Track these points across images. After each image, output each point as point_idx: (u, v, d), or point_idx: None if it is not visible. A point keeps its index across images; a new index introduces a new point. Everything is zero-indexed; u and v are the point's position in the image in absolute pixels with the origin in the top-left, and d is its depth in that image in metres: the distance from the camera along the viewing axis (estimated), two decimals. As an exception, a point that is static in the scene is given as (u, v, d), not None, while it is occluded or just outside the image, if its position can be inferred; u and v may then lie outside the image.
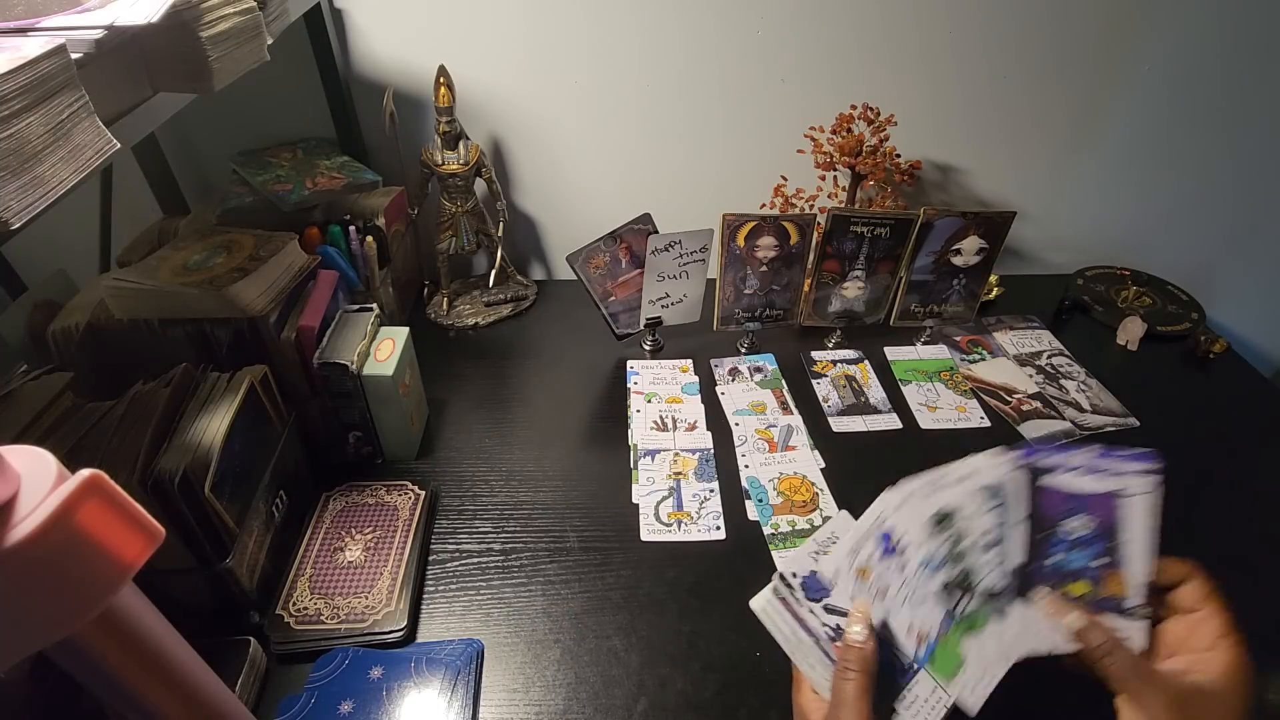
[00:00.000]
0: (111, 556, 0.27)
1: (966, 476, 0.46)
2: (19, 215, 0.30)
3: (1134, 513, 0.45)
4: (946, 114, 1.00)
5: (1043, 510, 0.45)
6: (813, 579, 0.48)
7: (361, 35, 0.91)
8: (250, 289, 0.65)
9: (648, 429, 0.83)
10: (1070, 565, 0.45)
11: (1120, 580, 0.44)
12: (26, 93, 0.31)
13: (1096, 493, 0.45)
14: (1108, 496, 0.45)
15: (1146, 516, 0.45)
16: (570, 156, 1.03)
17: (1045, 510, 0.45)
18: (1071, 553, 0.45)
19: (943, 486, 0.46)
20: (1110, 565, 0.45)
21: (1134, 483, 0.45)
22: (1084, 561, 0.45)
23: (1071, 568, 0.45)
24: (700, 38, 0.93)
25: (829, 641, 0.46)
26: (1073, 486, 0.45)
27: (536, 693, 0.58)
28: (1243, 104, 1.01)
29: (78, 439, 0.54)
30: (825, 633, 0.47)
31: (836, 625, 0.47)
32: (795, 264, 0.91)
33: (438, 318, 1.02)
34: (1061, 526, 0.45)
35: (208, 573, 0.56)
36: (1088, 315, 1.05)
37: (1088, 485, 0.45)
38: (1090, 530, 0.45)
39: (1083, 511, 0.45)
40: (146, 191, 0.90)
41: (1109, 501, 0.45)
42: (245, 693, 0.56)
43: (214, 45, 0.44)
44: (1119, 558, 0.45)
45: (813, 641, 0.47)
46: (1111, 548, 0.45)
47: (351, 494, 0.72)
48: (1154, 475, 0.45)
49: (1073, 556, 0.45)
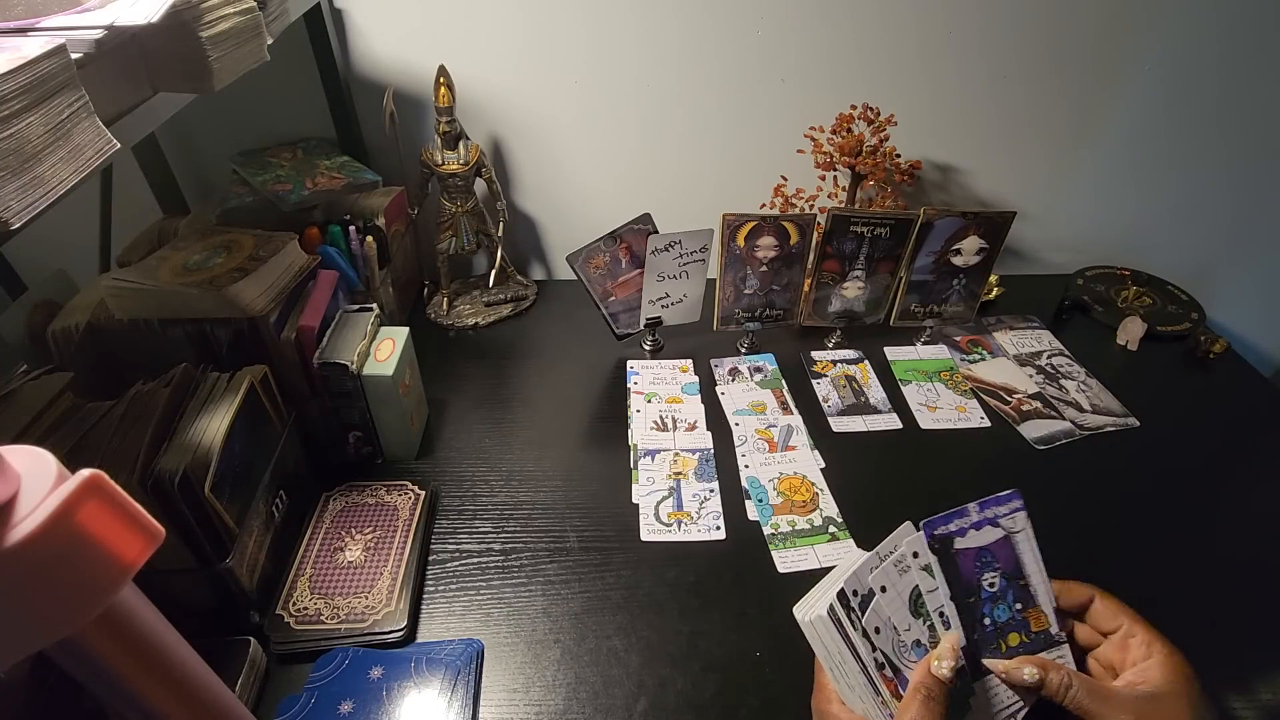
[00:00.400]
0: (111, 556, 0.27)
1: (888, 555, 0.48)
2: (19, 215, 0.30)
3: (1025, 549, 0.49)
4: (946, 114, 1.00)
5: (964, 575, 0.48)
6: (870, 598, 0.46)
7: (361, 35, 0.91)
8: (250, 289, 0.65)
9: (648, 429, 0.83)
10: (1000, 619, 0.48)
11: (1039, 615, 0.48)
12: (26, 93, 0.31)
13: (995, 539, 0.48)
14: (1004, 541, 0.49)
15: (1033, 549, 0.49)
16: (570, 156, 1.03)
17: (965, 574, 0.48)
18: (996, 608, 0.48)
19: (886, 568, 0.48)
20: (1026, 605, 0.48)
21: (1015, 522, 0.49)
22: (1008, 612, 0.48)
23: (1001, 620, 0.48)
24: (700, 38, 0.93)
25: (877, 670, 0.45)
26: (977, 542, 0.48)
27: (536, 693, 0.58)
28: (1242, 104, 1.01)
29: (78, 439, 0.54)
30: (874, 659, 0.45)
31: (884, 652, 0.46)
32: (795, 264, 0.91)
33: (438, 318, 1.02)
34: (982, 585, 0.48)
35: (208, 573, 0.56)
36: (1088, 315, 1.05)
37: (985, 537, 0.48)
38: (1001, 580, 0.48)
39: (991, 563, 0.48)
40: (146, 191, 0.90)
41: (1007, 545, 0.49)
42: (245, 693, 0.56)
43: (214, 45, 0.44)
44: (1029, 595, 0.48)
45: (859, 668, 0.46)
46: (1022, 588, 0.48)
47: (351, 494, 0.72)
48: (1023, 509, 0.49)
49: (999, 611, 0.48)
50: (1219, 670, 0.60)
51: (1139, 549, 0.71)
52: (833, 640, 0.46)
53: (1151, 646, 0.44)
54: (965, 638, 0.47)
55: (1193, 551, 0.71)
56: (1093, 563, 0.69)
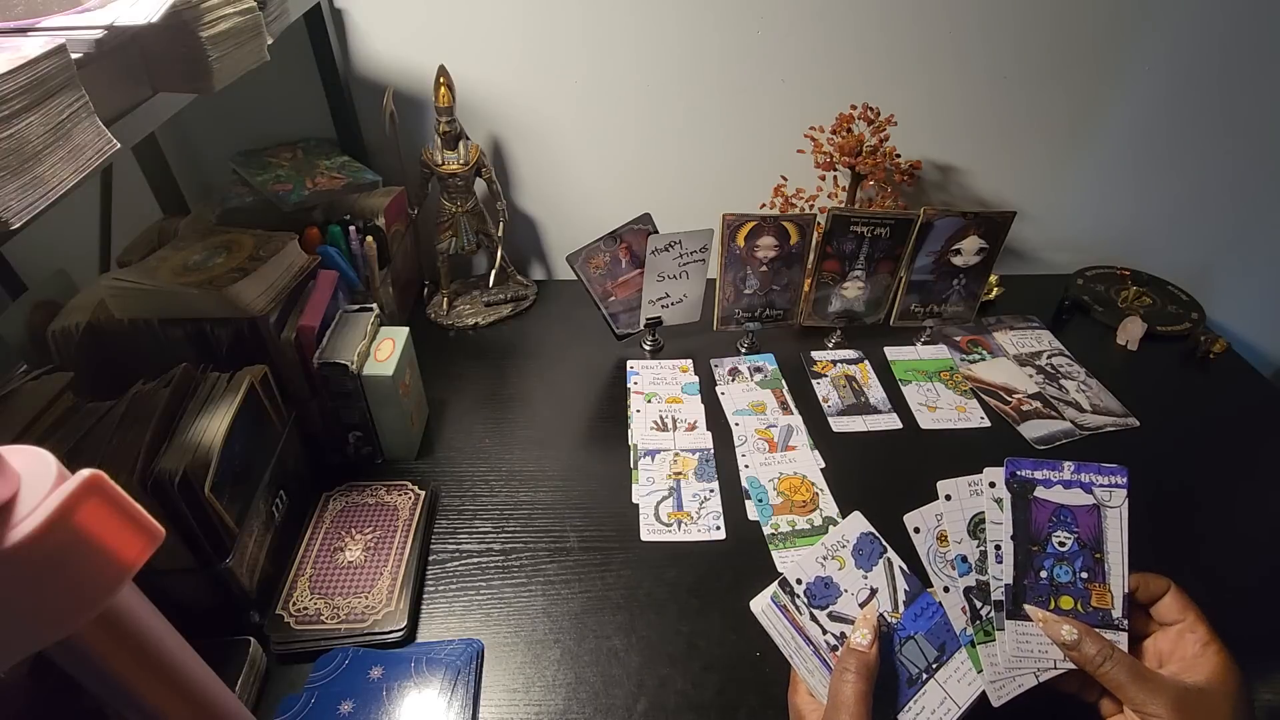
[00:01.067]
0: (111, 556, 0.27)
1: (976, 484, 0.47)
2: (19, 215, 0.30)
3: (1113, 525, 0.47)
4: (946, 114, 1.00)
5: (1034, 523, 0.47)
6: (819, 583, 0.47)
7: (361, 35, 0.91)
8: (250, 289, 0.65)
9: (648, 429, 0.83)
10: (1059, 579, 0.46)
11: (1104, 592, 0.46)
12: (26, 93, 0.31)
13: (1082, 505, 0.47)
14: (1093, 509, 0.47)
15: (1123, 530, 0.47)
16: (570, 156, 1.03)
17: (1036, 523, 0.47)
18: (1059, 567, 0.46)
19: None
20: (1094, 579, 0.46)
21: (1112, 496, 0.47)
22: (1071, 575, 0.46)
23: (1062, 581, 0.46)
24: (700, 38, 0.93)
25: (829, 650, 0.46)
26: (1060, 499, 0.47)
27: (536, 693, 0.58)
28: (1242, 104, 1.01)
29: (78, 439, 0.54)
30: (825, 641, 0.46)
31: (840, 633, 0.47)
32: (795, 264, 0.91)
33: (438, 318, 1.02)
34: (1051, 540, 0.46)
35: (208, 573, 0.56)
36: (1088, 315, 1.05)
37: (1073, 498, 0.47)
38: (1074, 544, 0.47)
39: (1070, 524, 0.47)
40: (146, 191, 0.90)
41: (1093, 514, 0.47)
42: (245, 693, 0.56)
43: (214, 45, 0.44)
44: (1102, 570, 0.47)
45: (811, 649, 0.47)
46: (1096, 561, 0.47)
47: (351, 494, 0.72)
48: (1125, 489, 0.47)
49: (1060, 570, 0.46)
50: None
51: (1139, 549, 0.71)
52: (784, 627, 0.47)
53: (1208, 646, 0.43)
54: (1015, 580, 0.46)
55: (1193, 551, 0.71)
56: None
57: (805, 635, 0.46)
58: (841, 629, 0.47)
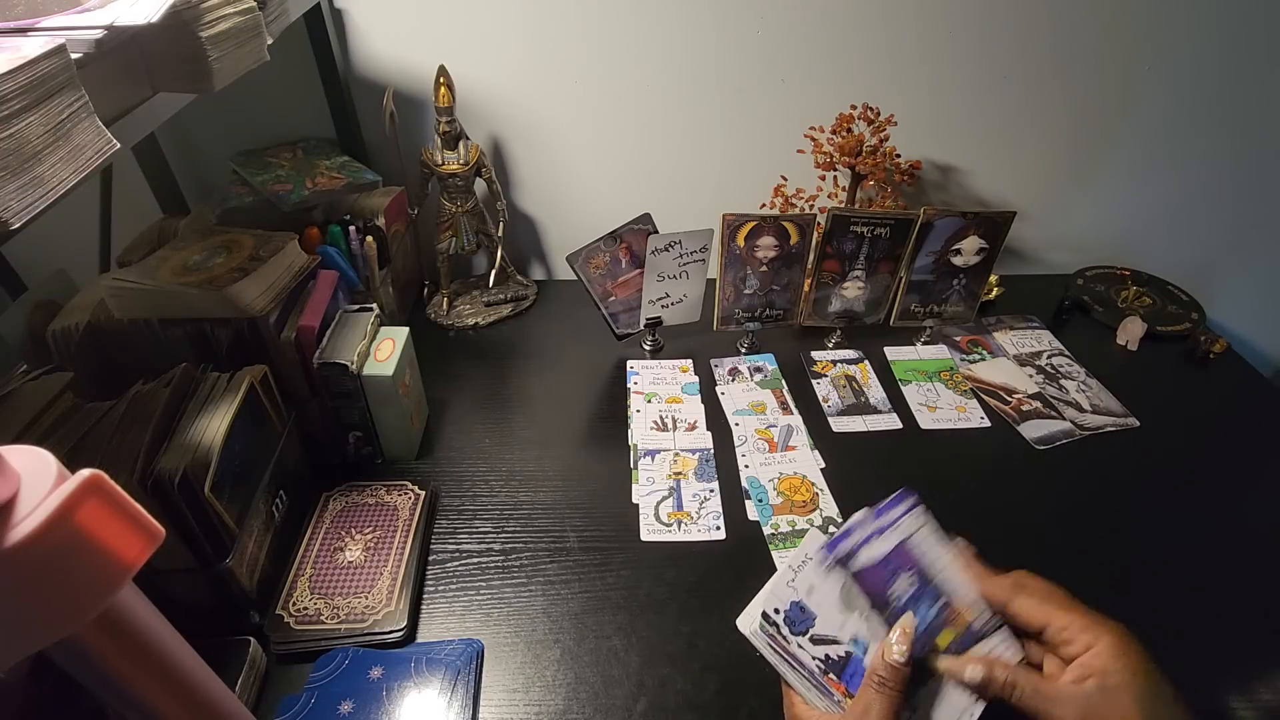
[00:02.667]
0: (111, 556, 0.27)
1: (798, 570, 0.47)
2: (19, 215, 0.30)
3: (930, 545, 0.48)
4: (946, 114, 1.00)
5: (873, 590, 0.46)
6: (794, 609, 0.47)
7: (361, 35, 0.91)
8: (250, 289, 0.65)
9: (648, 429, 0.83)
10: (927, 621, 0.46)
11: (963, 608, 0.46)
12: (26, 93, 0.31)
13: (894, 547, 0.47)
14: (900, 546, 0.47)
15: (937, 543, 0.48)
16: (570, 156, 1.03)
17: (874, 589, 0.46)
18: (919, 608, 0.46)
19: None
20: (948, 601, 0.47)
21: (910, 522, 0.48)
22: (931, 611, 0.46)
23: (930, 620, 0.46)
24: (700, 38, 0.93)
25: (822, 675, 0.46)
26: (878, 554, 0.47)
27: (536, 693, 0.58)
28: (1242, 104, 1.01)
29: (78, 439, 0.54)
30: (816, 666, 0.46)
31: (825, 655, 0.46)
32: (795, 264, 0.91)
33: (438, 318, 1.02)
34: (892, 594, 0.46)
35: (208, 573, 0.56)
36: (1088, 315, 1.05)
37: (886, 546, 0.47)
38: (917, 581, 0.47)
39: (901, 566, 0.47)
40: (146, 191, 0.90)
41: (911, 547, 0.47)
42: (245, 693, 0.56)
43: (214, 45, 0.44)
44: (948, 590, 0.47)
45: (805, 673, 0.46)
46: (937, 586, 0.47)
47: (351, 494, 0.72)
48: (919, 506, 0.48)
49: (922, 610, 0.46)
50: (1219, 670, 0.60)
51: (1139, 549, 0.71)
52: (773, 653, 0.46)
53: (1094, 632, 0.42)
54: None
55: (1193, 551, 0.71)
56: (1093, 562, 0.70)
57: (796, 661, 0.46)
58: (825, 651, 0.46)
